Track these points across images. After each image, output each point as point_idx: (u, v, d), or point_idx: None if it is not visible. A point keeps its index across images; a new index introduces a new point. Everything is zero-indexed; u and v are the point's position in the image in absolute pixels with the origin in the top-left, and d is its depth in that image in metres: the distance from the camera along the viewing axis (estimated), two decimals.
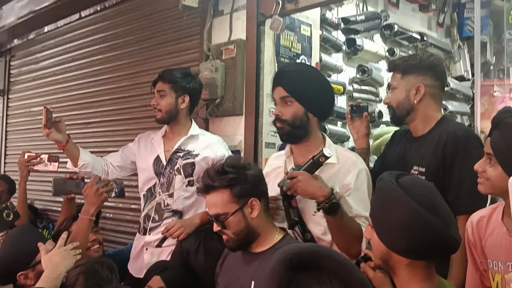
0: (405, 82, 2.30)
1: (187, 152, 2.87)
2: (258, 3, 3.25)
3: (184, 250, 2.62)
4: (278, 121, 2.25)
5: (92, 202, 2.61)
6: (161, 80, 2.88)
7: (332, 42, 3.96)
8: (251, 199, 1.96)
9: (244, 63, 3.27)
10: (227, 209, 1.95)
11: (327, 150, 2.05)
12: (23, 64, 5.69)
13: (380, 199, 1.54)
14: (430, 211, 1.40)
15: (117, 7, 4.34)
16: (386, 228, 1.50)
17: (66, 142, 2.89)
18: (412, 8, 4.99)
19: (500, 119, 1.68)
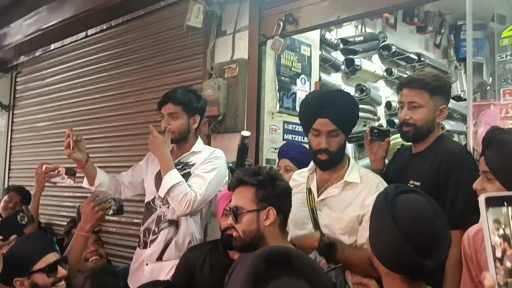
0: (433, 103, 2.33)
1: (185, 164, 2.90)
2: (260, 24, 3.36)
3: (191, 263, 2.63)
4: (324, 153, 2.26)
5: (88, 219, 2.67)
6: (171, 102, 2.87)
7: (331, 62, 4.07)
8: (270, 208, 2.02)
9: (246, 81, 3.37)
10: (246, 205, 2.03)
11: (244, 132, 2.38)
12: (28, 81, 5.78)
13: (373, 206, 1.62)
14: (405, 236, 1.45)
15: (123, 26, 4.45)
16: (370, 232, 1.61)
17: (86, 161, 2.94)
18: (410, 29, 5.12)
19: (492, 137, 1.74)
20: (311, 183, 2.39)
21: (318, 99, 2.32)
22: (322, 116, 2.21)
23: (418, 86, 2.32)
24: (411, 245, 1.44)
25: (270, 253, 1.36)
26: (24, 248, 2.32)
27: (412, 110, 2.34)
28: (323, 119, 2.22)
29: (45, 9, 4.72)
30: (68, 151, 2.86)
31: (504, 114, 2.31)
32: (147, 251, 2.90)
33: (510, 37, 2.33)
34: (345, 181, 2.29)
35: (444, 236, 1.52)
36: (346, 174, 2.31)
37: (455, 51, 5.58)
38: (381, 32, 4.65)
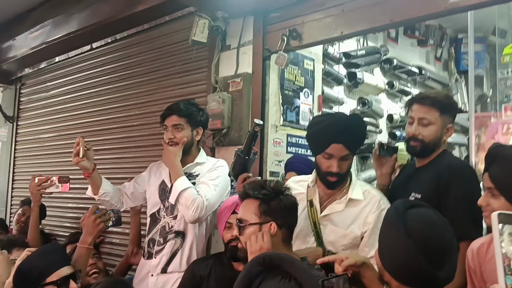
0: (442, 120, 2.38)
1: (189, 174, 2.92)
2: (264, 39, 3.41)
3: (197, 275, 2.66)
4: (335, 176, 2.29)
5: (89, 232, 2.68)
6: (176, 114, 2.91)
7: (334, 75, 4.12)
8: (272, 222, 2.05)
9: (250, 95, 3.41)
10: (249, 218, 2.08)
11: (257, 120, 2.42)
12: (33, 92, 5.82)
13: (384, 221, 1.67)
14: (419, 248, 1.49)
15: (128, 39, 4.50)
16: (381, 246, 1.64)
17: (93, 170, 2.94)
18: (411, 43, 5.16)
19: (496, 153, 1.76)
20: (313, 195, 2.41)
21: (334, 124, 2.31)
22: (337, 142, 2.24)
23: (430, 104, 2.36)
24: (425, 257, 1.48)
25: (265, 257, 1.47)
26: (40, 261, 2.34)
27: (422, 126, 2.38)
28: (337, 145, 2.24)
29: (50, 23, 4.76)
30: (77, 158, 2.85)
31: (505, 129, 2.35)
32: (153, 262, 2.93)
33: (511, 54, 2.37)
34: (349, 198, 2.32)
35: (453, 247, 1.57)
36: (350, 191, 2.35)
37: (455, 63, 5.62)
38: (383, 46, 4.69)
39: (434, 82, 5.26)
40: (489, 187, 1.76)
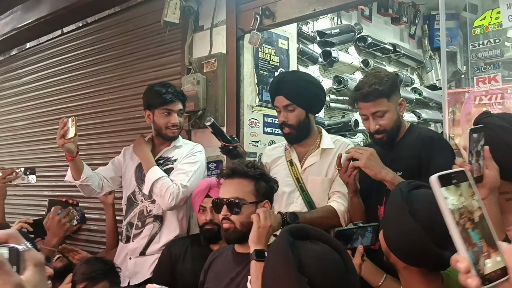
0: (392, 103, 2.36)
1: (167, 159, 2.95)
2: (237, 18, 3.37)
3: (173, 254, 2.70)
4: (285, 127, 2.57)
5: (54, 233, 2.67)
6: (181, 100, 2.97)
7: (309, 54, 4.12)
8: (266, 201, 2.10)
9: (224, 76, 3.39)
10: (247, 197, 2.07)
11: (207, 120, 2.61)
12: (4, 80, 5.69)
13: (388, 204, 1.69)
14: (424, 229, 1.50)
15: (99, 23, 4.42)
16: (387, 229, 1.66)
17: (76, 153, 2.85)
18: (385, 21, 5.18)
19: (479, 120, 1.77)
20: (292, 155, 2.64)
21: (275, 80, 2.69)
22: (279, 94, 2.54)
23: (375, 97, 2.32)
24: (432, 238, 1.49)
25: (291, 229, 1.55)
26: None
27: (378, 118, 2.35)
28: (279, 97, 2.54)
29: (20, 8, 4.66)
30: (62, 140, 2.73)
31: (478, 101, 2.37)
32: (130, 246, 2.94)
33: (482, 26, 2.39)
34: (321, 148, 2.59)
35: None
36: (321, 143, 2.59)
37: (429, 41, 5.67)
38: (357, 24, 4.70)
39: (408, 59, 5.29)
40: None
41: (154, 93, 2.94)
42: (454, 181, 0.86)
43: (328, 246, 1.51)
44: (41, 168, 4.47)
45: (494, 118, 1.76)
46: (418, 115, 5.16)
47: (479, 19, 2.39)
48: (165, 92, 2.91)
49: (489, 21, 2.34)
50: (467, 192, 0.86)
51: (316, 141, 2.64)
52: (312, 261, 1.45)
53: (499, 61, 2.34)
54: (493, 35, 2.36)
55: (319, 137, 2.65)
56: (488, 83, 2.30)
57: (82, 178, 2.91)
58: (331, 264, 1.47)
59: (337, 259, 1.50)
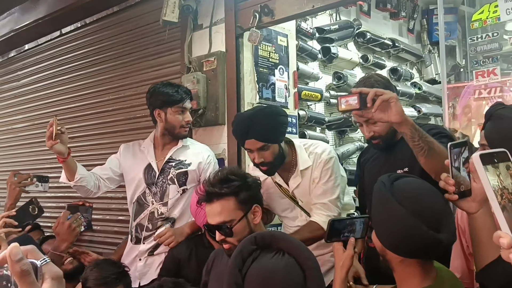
0: None
1: (179, 162, 2.93)
2: (236, 16, 3.37)
3: (176, 259, 2.67)
4: (263, 165, 2.52)
5: (64, 239, 2.64)
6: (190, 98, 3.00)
7: (308, 51, 4.11)
8: (254, 205, 2.05)
9: (224, 74, 3.39)
10: (233, 216, 2.01)
11: None
12: (4, 82, 5.70)
13: (374, 200, 1.67)
14: (414, 214, 1.50)
15: (98, 23, 4.42)
16: (378, 225, 1.65)
17: (68, 154, 2.81)
18: (383, 16, 5.18)
19: (492, 112, 1.78)
20: (276, 178, 2.65)
21: (241, 123, 2.55)
22: (248, 138, 2.47)
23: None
24: (423, 221, 1.50)
25: (257, 236, 1.47)
26: None
27: (371, 125, 2.31)
28: (249, 140, 2.47)
29: (18, 10, 4.67)
30: (50, 142, 2.70)
31: (477, 95, 2.38)
32: (141, 247, 2.94)
33: (480, 20, 2.39)
34: (300, 170, 2.57)
35: (448, 208, 1.60)
36: (298, 163, 2.57)
37: (428, 35, 5.66)
38: (356, 20, 4.70)
39: (407, 54, 5.30)
40: (482, 144, 1.79)
41: (167, 92, 2.92)
42: (495, 161, 0.87)
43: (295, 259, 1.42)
44: (42, 170, 4.47)
45: (507, 109, 1.76)
46: (418, 109, 5.17)
47: (477, 13, 2.40)
48: (177, 90, 2.93)
49: (487, 15, 2.35)
50: (505, 173, 0.87)
51: (292, 158, 2.62)
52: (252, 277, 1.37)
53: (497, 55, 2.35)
54: (491, 29, 2.36)
55: (293, 155, 2.62)
56: (487, 77, 2.31)
57: (76, 179, 2.87)
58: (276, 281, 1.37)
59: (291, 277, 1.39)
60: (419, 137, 1.86)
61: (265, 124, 2.47)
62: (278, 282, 1.36)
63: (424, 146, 1.86)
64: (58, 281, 0.75)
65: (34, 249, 0.75)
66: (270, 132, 2.49)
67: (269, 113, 2.58)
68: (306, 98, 4.05)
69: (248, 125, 2.48)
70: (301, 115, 3.94)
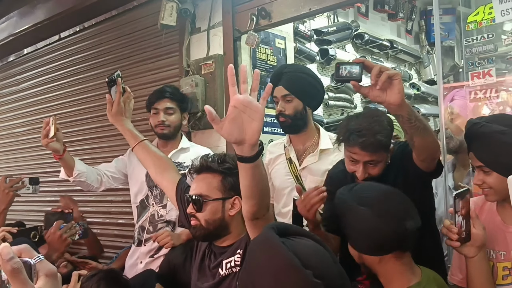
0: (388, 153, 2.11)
1: (178, 164, 2.94)
2: (234, 20, 3.39)
3: (171, 263, 2.61)
4: (281, 116, 2.63)
5: (55, 248, 2.60)
6: (168, 98, 2.97)
7: (306, 53, 4.13)
8: (236, 197, 1.97)
9: (222, 77, 3.40)
10: (211, 193, 1.97)
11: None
12: (3, 87, 5.71)
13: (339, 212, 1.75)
14: (380, 211, 1.60)
15: (97, 27, 4.44)
16: (349, 233, 1.73)
17: (63, 151, 2.82)
18: (381, 17, 5.19)
19: (473, 132, 1.78)
20: (290, 153, 2.71)
21: (276, 71, 2.78)
22: (278, 85, 2.60)
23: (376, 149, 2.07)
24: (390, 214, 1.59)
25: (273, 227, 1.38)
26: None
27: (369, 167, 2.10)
28: (278, 87, 2.60)
29: (16, 14, 4.68)
30: (46, 140, 2.71)
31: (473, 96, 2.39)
32: (142, 249, 2.97)
33: (475, 22, 2.40)
34: (320, 149, 2.65)
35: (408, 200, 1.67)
36: (320, 142, 2.65)
37: (426, 36, 5.68)
38: (354, 21, 4.71)
39: (406, 55, 5.31)
40: (478, 166, 1.79)
41: (149, 96, 3.03)
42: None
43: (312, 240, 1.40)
44: (42, 174, 4.49)
45: (488, 126, 1.76)
46: (417, 110, 5.18)
47: (473, 15, 2.41)
48: (155, 92, 3.00)
49: (482, 16, 2.35)
50: None
51: (314, 138, 2.70)
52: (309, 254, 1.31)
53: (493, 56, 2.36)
54: (486, 30, 2.37)
55: (316, 135, 2.72)
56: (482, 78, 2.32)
57: (74, 174, 2.90)
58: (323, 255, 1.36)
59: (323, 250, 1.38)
60: (415, 117, 1.78)
61: (296, 76, 2.62)
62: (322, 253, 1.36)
63: (420, 125, 1.79)
64: (52, 278, 0.76)
65: (28, 248, 0.77)
66: (297, 85, 2.60)
67: (305, 71, 2.73)
68: None
69: (281, 72, 2.65)
70: None
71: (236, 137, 1.47)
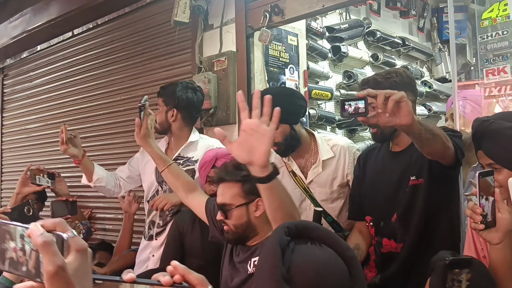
0: None
1: (187, 159, 2.97)
2: (247, 16, 3.40)
3: (180, 227, 2.74)
4: (274, 145, 2.44)
5: None
6: (158, 95, 3.02)
7: (318, 50, 4.12)
8: (258, 199, 2.05)
9: (235, 73, 3.42)
10: (234, 201, 2.07)
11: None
12: (16, 83, 5.76)
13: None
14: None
15: (109, 24, 4.46)
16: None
17: (82, 156, 2.94)
18: (393, 14, 5.18)
19: (484, 129, 1.77)
20: (292, 167, 2.64)
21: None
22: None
23: (372, 87, 2.08)
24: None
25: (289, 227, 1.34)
26: None
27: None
28: None
29: (30, 11, 4.72)
30: (64, 146, 2.87)
31: (488, 93, 2.38)
32: (154, 243, 3.00)
33: (490, 19, 2.40)
34: (322, 160, 2.59)
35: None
36: (320, 153, 2.59)
37: (438, 33, 5.65)
38: (366, 18, 4.70)
39: (418, 52, 5.29)
40: (489, 163, 1.77)
41: None
42: None
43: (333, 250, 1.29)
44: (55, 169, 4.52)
45: (497, 122, 1.76)
46: (429, 108, 5.16)
47: (487, 12, 2.40)
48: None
49: (497, 13, 2.35)
50: None
51: (311, 147, 2.64)
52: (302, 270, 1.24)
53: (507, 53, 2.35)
54: (501, 27, 2.37)
55: (312, 142, 2.65)
56: (497, 75, 2.32)
57: (94, 179, 3.02)
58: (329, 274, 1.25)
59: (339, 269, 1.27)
60: (425, 130, 1.79)
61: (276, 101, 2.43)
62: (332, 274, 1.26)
63: (429, 136, 1.82)
64: (82, 253, 0.78)
65: (62, 222, 0.79)
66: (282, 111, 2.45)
67: (281, 92, 2.63)
68: (316, 97, 4.06)
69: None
70: (312, 114, 3.96)
71: (243, 158, 1.61)
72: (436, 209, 2.20)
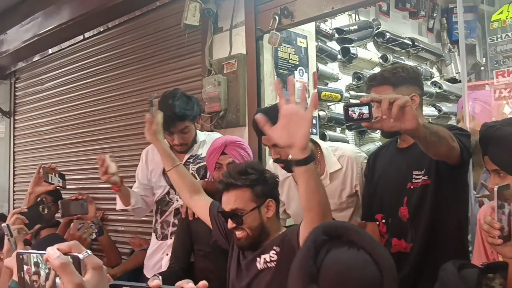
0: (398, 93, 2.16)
1: (197, 157, 3.03)
2: (256, 19, 3.41)
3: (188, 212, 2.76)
4: (279, 162, 2.46)
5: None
6: (180, 120, 2.87)
7: (328, 52, 4.13)
8: (269, 200, 2.12)
9: (245, 76, 3.43)
10: (246, 205, 2.10)
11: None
12: (28, 86, 5.81)
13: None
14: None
15: (120, 27, 4.50)
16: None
17: (121, 182, 2.92)
18: (403, 15, 5.17)
19: (490, 135, 1.77)
20: None
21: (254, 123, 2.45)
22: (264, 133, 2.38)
23: (379, 83, 2.26)
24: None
25: (328, 226, 1.34)
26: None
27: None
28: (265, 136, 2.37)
29: (41, 15, 4.76)
30: (106, 176, 2.81)
31: (498, 94, 2.38)
32: (169, 242, 3.04)
33: (499, 20, 2.39)
34: (329, 173, 2.54)
35: None
36: (327, 165, 2.54)
37: (448, 34, 5.64)
38: (375, 20, 4.70)
39: (427, 53, 5.28)
40: (494, 170, 1.77)
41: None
42: None
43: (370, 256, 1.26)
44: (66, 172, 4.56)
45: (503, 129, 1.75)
46: (439, 108, 5.16)
47: (497, 13, 2.40)
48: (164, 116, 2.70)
49: (507, 15, 2.35)
50: None
51: (317, 157, 2.56)
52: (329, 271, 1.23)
53: None
54: (510, 29, 2.37)
55: (318, 155, 2.58)
56: (507, 76, 2.31)
57: (132, 203, 3.05)
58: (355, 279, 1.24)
59: (369, 276, 1.24)
60: (430, 133, 1.79)
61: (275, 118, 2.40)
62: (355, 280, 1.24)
63: (435, 139, 1.82)
64: (98, 270, 0.82)
65: (77, 244, 0.84)
66: None
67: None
68: (326, 99, 4.07)
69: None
70: (321, 116, 3.97)
71: (285, 141, 1.72)
72: (444, 210, 2.19)
